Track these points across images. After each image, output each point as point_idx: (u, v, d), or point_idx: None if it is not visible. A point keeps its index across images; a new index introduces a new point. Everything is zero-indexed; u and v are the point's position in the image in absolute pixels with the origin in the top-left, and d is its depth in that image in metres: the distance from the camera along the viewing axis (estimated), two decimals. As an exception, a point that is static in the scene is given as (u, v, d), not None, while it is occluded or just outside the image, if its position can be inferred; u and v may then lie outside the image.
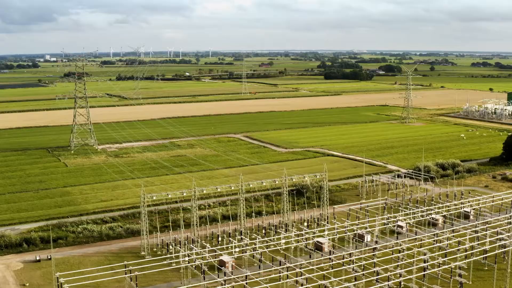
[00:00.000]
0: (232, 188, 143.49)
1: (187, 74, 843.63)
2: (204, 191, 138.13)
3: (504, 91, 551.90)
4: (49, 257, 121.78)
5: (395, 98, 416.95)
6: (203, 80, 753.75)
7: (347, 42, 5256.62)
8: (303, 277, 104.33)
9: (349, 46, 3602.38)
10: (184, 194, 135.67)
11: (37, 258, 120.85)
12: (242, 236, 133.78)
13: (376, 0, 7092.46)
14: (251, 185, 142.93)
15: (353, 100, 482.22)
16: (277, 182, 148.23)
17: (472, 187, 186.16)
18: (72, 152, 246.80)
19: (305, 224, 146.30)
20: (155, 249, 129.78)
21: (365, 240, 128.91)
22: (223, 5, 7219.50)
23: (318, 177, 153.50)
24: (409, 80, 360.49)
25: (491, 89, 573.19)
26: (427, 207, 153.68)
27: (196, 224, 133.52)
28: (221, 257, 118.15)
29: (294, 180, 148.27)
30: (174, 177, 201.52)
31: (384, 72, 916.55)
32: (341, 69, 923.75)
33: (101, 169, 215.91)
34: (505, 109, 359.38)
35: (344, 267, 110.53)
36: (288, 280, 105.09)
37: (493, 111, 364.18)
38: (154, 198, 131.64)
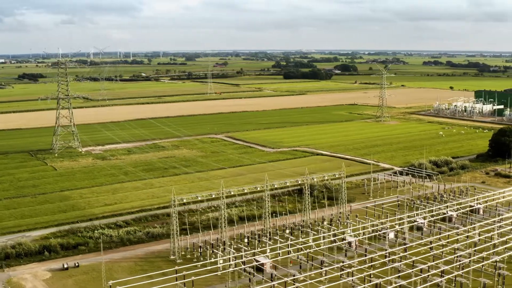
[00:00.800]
0: (258, 188, 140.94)
1: (144, 74, 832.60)
2: (232, 192, 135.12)
3: (464, 89, 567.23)
4: (76, 264, 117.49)
5: (370, 97, 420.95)
6: (162, 80, 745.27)
7: (295, 42, 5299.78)
8: (357, 276, 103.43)
9: (297, 45, 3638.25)
10: (213, 196, 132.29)
11: (65, 266, 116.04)
12: (277, 237, 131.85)
13: (323, 0, 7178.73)
14: (275, 185, 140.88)
15: (320, 100, 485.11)
16: (299, 182, 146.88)
17: (470, 183, 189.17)
18: (56, 155, 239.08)
19: (325, 223, 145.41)
20: (183, 253, 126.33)
21: (388, 238, 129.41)
22: (170, 5, 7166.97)
23: (337, 176, 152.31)
24: (384, 79, 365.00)
25: (451, 88, 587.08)
26: (439, 204, 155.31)
27: (225, 226, 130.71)
28: (259, 259, 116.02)
29: (315, 179, 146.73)
30: (172, 179, 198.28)
31: (340, 71, 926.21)
32: (296, 68, 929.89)
33: (93, 172, 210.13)
34: (475, 107, 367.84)
35: (393, 264, 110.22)
36: (347, 279, 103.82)
37: (463, 109, 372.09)
38: (185, 200, 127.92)
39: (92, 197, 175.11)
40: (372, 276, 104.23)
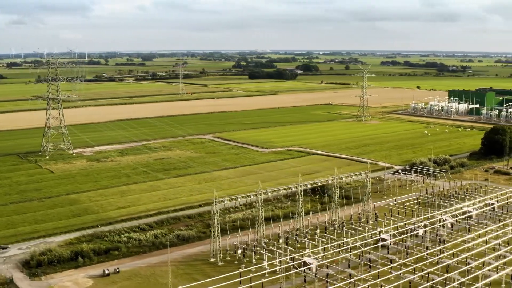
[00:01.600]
0: (292, 189, 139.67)
1: (105, 75, 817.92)
2: (269, 194, 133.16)
3: (431, 88, 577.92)
4: (117, 270, 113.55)
5: (351, 97, 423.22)
6: (127, 81, 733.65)
7: (249, 42, 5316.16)
8: (417, 274, 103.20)
9: (251, 46, 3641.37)
10: (252, 197, 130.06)
11: (106, 272, 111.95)
12: (315, 237, 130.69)
13: (277, 1, 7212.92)
14: (308, 185, 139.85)
15: (293, 100, 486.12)
16: (330, 182, 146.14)
17: (474, 180, 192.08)
18: (47, 157, 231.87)
19: (351, 221, 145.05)
20: (220, 255, 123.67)
21: (423, 234, 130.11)
22: (121, 5, 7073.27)
23: (362, 175, 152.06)
24: (365, 79, 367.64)
25: (418, 87, 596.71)
26: (459, 201, 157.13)
27: (262, 226, 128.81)
28: (304, 259, 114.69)
29: (344, 179, 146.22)
30: (178, 180, 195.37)
31: (302, 71, 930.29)
32: (259, 68, 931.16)
33: (92, 174, 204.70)
34: (451, 106, 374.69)
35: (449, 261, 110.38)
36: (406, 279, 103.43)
37: (440, 108, 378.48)
38: (226, 202, 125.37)
39: (101, 200, 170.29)
40: (429, 273, 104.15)
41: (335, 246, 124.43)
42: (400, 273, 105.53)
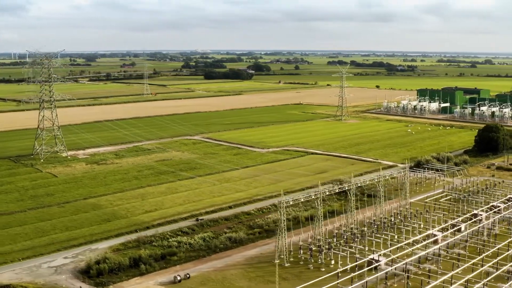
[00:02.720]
0: (346, 188, 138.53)
1: (56, 76, 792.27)
2: (327, 192, 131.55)
3: (391, 88, 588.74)
4: (187, 275, 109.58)
5: (331, 97, 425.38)
6: (81, 82, 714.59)
7: (189, 42, 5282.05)
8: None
9: (191, 46, 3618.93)
10: (313, 196, 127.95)
11: (178, 278, 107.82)
12: (372, 233, 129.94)
13: (214, 0, 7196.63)
14: (359, 183, 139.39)
15: (262, 100, 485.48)
16: (376, 180, 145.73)
17: (482, 177, 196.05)
18: (42, 160, 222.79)
19: (390, 219, 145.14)
20: (282, 256, 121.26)
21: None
22: (59, 5, 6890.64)
23: (401, 173, 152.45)
24: (343, 79, 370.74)
25: (377, 86, 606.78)
26: (489, 196, 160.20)
27: (322, 224, 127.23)
28: (372, 257, 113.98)
29: (387, 177, 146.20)
30: (192, 182, 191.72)
31: (254, 72, 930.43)
32: (208, 68, 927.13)
33: (98, 177, 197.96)
34: (424, 105, 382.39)
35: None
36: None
37: (412, 107, 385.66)
38: (291, 202, 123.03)
39: (123, 204, 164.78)
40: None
41: (399, 242, 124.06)
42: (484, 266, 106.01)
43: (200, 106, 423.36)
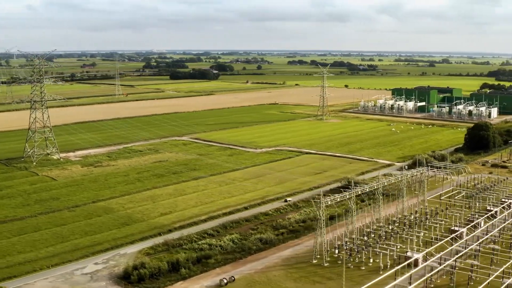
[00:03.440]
0: (375, 186, 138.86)
1: (19, 76, 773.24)
2: (367, 189, 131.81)
3: (360, 87, 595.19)
4: (232, 278, 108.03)
5: (312, 96, 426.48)
6: (46, 82, 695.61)
7: (144, 42, 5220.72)
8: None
9: (145, 46, 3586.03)
10: (347, 196, 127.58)
11: (225, 281, 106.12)
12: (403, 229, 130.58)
13: (168, 0, 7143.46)
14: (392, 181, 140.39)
15: (235, 100, 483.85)
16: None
17: (479, 174, 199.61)
18: (34, 163, 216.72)
19: (415, 216, 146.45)
20: (318, 256, 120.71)
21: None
22: (10, 4, 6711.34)
23: (420, 172, 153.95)
24: (324, 79, 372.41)
25: (346, 86, 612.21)
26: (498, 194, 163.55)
27: (354, 223, 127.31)
28: (410, 254, 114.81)
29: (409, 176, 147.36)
30: (198, 183, 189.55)
31: (218, 72, 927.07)
32: (171, 68, 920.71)
33: (99, 180, 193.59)
34: (401, 105, 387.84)
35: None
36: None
37: (390, 106, 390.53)
38: (329, 203, 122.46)
39: (135, 207, 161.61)
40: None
41: (431, 238, 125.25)
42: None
43: (177, 107, 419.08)
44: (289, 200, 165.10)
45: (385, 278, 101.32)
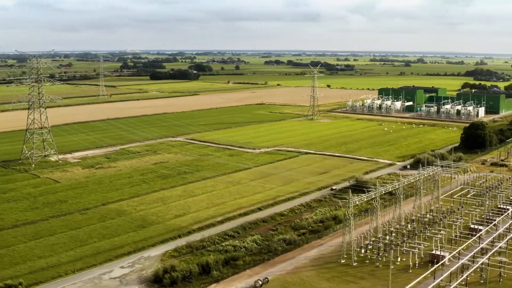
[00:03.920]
0: (397, 186, 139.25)
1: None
2: (390, 189, 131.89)
3: (342, 87, 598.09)
4: (266, 280, 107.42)
5: (303, 96, 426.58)
6: (25, 83, 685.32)
7: (117, 42, 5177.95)
8: None
9: (119, 46, 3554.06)
10: (372, 196, 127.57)
11: (259, 283, 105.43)
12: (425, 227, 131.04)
13: (141, 1, 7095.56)
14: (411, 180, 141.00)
15: (221, 100, 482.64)
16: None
17: (484, 173, 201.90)
18: (33, 166, 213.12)
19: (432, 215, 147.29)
20: (345, 255, 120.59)
21: None
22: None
23: (435, 170, 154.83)
24: (315, 79, 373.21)
25: (328, 86, 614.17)
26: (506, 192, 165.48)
27: (380, 224, 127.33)
28: (437, 252, 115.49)
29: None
30: (206, 184, 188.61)
31: (196, 72, 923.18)
32: (152, 69, 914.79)
33: (103, 182, 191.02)
34: (389, 104, 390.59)
35: None
36: None
37: (378, 106, 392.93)
38: (357, 202, 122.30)
39: (147, 209, 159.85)
40: None
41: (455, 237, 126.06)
42: None
43: (165, 107, 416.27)
44: (334, 189, 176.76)
45: (424, 278, 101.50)
